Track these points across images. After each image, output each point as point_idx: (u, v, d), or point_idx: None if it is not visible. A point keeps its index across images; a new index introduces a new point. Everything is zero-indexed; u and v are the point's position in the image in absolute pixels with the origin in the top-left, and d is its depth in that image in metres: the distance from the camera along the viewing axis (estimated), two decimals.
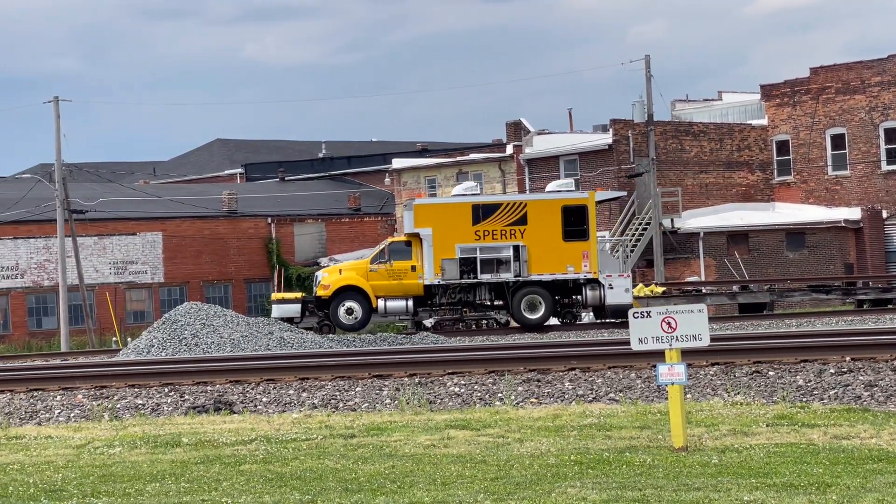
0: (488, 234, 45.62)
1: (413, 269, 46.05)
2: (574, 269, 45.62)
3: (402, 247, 46.66)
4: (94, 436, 20.37)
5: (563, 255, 45.62)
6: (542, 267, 45.63)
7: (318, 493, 14.21)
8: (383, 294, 45.93)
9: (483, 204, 46.08)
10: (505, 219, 45.63)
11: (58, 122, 64.39)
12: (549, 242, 45.58)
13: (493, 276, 45.51)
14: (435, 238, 45.55)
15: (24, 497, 14.88)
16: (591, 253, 45.63)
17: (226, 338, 38.62)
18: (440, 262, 45.50)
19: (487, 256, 45.53)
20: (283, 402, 25.07)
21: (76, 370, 30.11)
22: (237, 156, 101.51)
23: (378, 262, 46.31)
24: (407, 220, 46.38)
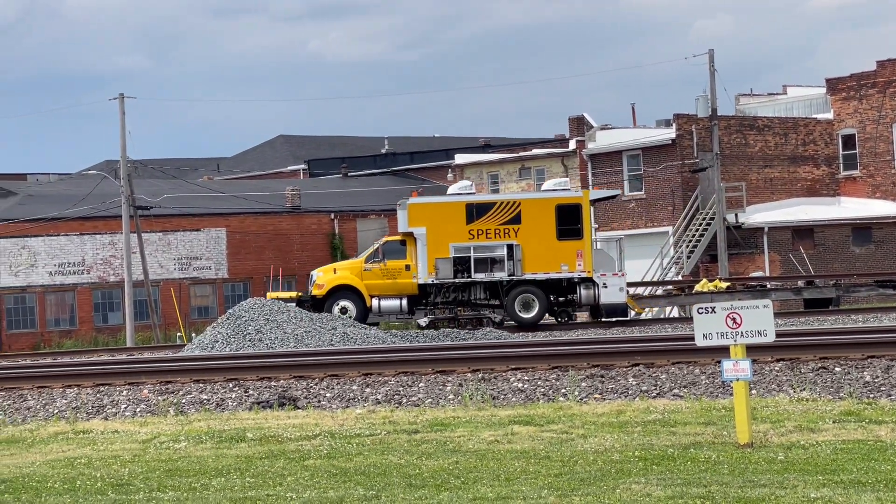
0: (482, 233, 45.59)
1: (407, 269, 46.07)
2: (568, 268, 45.54)
3: (396, 246, 46.69)
4: (159, 430, 20.51)
5: (557, 254, 45.52)
6: (537, 266, 45.56)
7: (382, 489, 14.24)
8: (378, 293, 45.98)
9: (477, 203, 46.02)
10: (499, 218, 45.57)
11: (123, 118, 64.86)
12: (543, 241, 45.51)
13: (487, 276, 45.47)
14: (429, 237, 45.52)
15: (92, 491, 15.00)
16: (586, 252, 45.52)
17: (289, 333, 38.74)
18: (434, 261, 45.48)
19: (481, 255, 45.50)
20: (347, 398, 25.13)
21: (142, 365, 30.32)
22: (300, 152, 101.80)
23: (372, 262, 46.41)
24: (401, 220, 46.33)
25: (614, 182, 68.01)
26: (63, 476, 16.24)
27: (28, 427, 22.59)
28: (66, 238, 72.73)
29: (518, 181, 72.91)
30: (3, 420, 25.00)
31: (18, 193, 77.56)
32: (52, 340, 69.58)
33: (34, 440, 20.34)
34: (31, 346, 68.72)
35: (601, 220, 68.93)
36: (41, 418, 25.14)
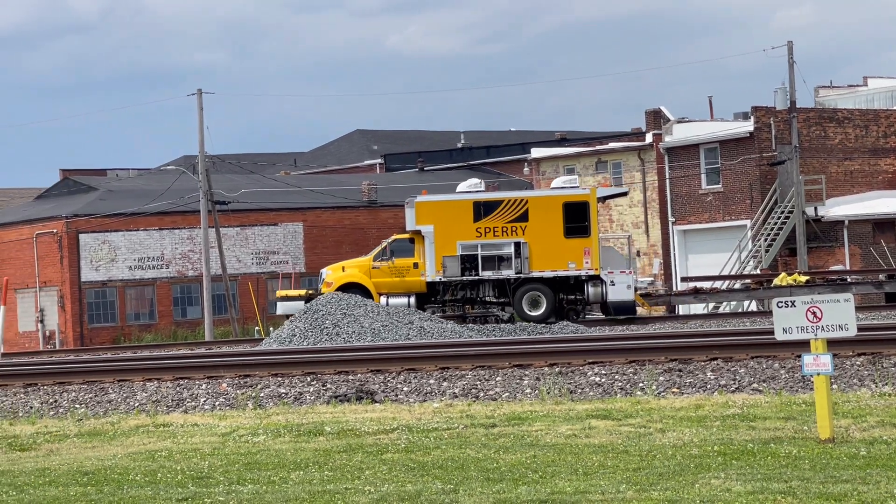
0: (490, 231, 45.69)
1: (415, 266, 46.22)
2: (575, 265, 45.52)
3: (405, 244, 46.84)
4: (238, 424, 20.63)
5: (564, 251, 45.51)
6: (544, 264, 45.56)
7: (460, 483, 14.24)
8: (386, 291, 46.10)
9: (484, 201, 46.11)
10: (506, 216, 45.66)
11: (201, 114, 65.31)
12: (551, 239, 45.52)
13: (495, 273, 45.51)
14: (437, 235, 45.67)
15: (173, 483, 15.12)
16: (593, 249, 45.50)
17: (366, 327, 38.86)
18: (442, 259, 45.62)
19: (489, 253, 45.58)
20: (424, 392, 25.16)
21: (221, 359, 30.52)
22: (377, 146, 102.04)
23: (380, 260, 46.59)
24: (409, 218, 46.43)
25: (692, 175, 67.63)
26: (144, 469, 16.38)
27: (109, 420, 22.82)
28: (145, 233, 73.38)
29: (594, 175, 72.66)
30: (85, 413, 25.27)
31: (99, 189, 78.33)
32: (132, 334, 70.23)
33: (115, 433, 20.53)
34: (112, 340, 69.42)
35: (678, 213, 68.58)
36: (122, 411, 25.38)
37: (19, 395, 28.01)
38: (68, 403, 26.88)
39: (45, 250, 73.24)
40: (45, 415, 25.70)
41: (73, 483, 15.55)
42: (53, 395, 27.73)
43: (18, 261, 74.76)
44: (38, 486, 15.51)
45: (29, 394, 28.05)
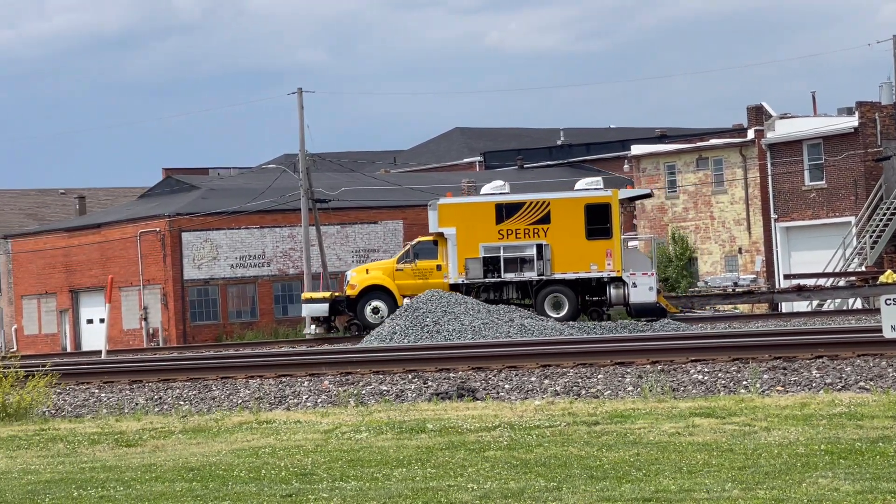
0: (512, 233, 45.58)
1: (438, 269, 46.24)
2: (598, 267, 45.30)
3: (428, 246, 46.90)
4: (340, 421, 20.70)
5: (586, 253, 45.31)
6: (566, 266, 45.37)
7: (563, 480, 14.18)
8: (409, 293, 45.95)
9: (506, 203, 45.98)
10: (528, 218, 45.51)
11: (301, 113, 65.73)
12: (573, 241, 45.32)
13: (517, 275, 45.37)
14: (459, 237, 45.63)
15: (276, 480, 15.21)
16: (615, 251, 45.18)
17: (467, 325, 38.89)
18: (464, 261, 45.58)
19: (511, 255, 45.47)
20: (526, 389, 25.11)
21: (322, 356, 30.68)
22: (476, 144, 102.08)
23: (404, 262, 46.74)
24: (431, 220, 46.40)
25: (794, 172, 66.94)
26: (248, 465, 16.49)
27: (213, 417, 23.01)
28: (246, 231, 74.00)
29: (695, 171, 72.15)
30: (189, 410, 25.51)
31: (201, 188, 79.13)
32: (234, 332, 70.87)
33: (219, 430, 20.70)
34: (214, 338, 70.07)
35: (780, 210, 67.90)
36: (225, 408, 25.59)
37: (125, 392, 28.35)
38: (173, 400, 27.15)
39: (149, 248, 74.10)
40: (150, 411, 25.98)
41: (178, 479, 15.69)
42: (158, 391, 28.03)
43: (123, 259, 75.70)
44: (144, 481, 15.68)
45: (134, 390, 28.37)
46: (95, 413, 26.39)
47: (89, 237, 78.56)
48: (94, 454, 18.82)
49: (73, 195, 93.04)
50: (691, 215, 71.93)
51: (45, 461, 18.27)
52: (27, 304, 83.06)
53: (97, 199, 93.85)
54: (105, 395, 28.39)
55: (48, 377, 25.92)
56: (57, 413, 27.02)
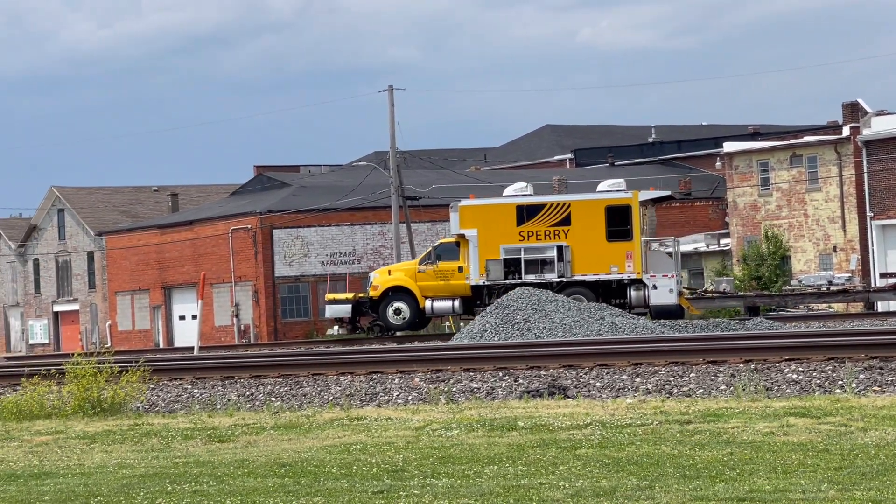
0: (532, 234, 45.46)
1: (460, 270, 46.27)
2: (618, 269, 45.00)
3: (450, 248, 46.98)
4: (431, 418, 20.70)
5: (606, 255, 45.06)
6: (586, 267, 45.18)
7: (656, 479, 14.07)
8: (431, 294, 46.34)
9: (527, 205, 45.88)
10: (549, 219, 45.38)
11: (392, 110, 65.88)
12: (593, 243, 45.11)
13: (538, 277, 45.19)
14: (480, 239, 45.59)
15: (368, 476, 15.23)
16: (635, 253, 44.83)
17: (557, 323, 38.75)
18: (485, 262, 45.55)
19: (531, 257, 45.32)
20: (617, 388, 24.98)
21: (413, 354, 30.70)
22: (567, 141, 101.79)
23: (426, 263, 46.85)
24: (453, 222, 46.42)
25: (891, 169, 66.08)
26: (339, 461, 16.52)
27: (305, 413, 23.09)
28: (337, 228, 74.30)
29: (789, 169, 71.46)
30: (280, 406, 25.64)
31: (292, 185, 79.56)
32: (324, 329, 71.19)
33: (311, 426, 20.77)
34: (305, 335, 70.44)
35: (876, 208, 67.06)
36: (317, 405, 25.68)
37: (217, 388, 28.54)
38: (264, 396, 27.30)
39: (240, 245, 74.64)
40: (242, 407, 26.13)
41: (270, 474, 15.76)
42: (250, 388, 28.20)
43: (214, 256, 76.31)
44: (237, 476, 15.76)
45: (226, 386, 28.56)
46: (188, 409, 26.60)
47: (182, 234, 79.30)
48: (188, 449, 18.96)
49: (167, 192, 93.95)
50: (785, 213, 71.24)
51: (140, 456, 18.42)
52: (121, 300, 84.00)
53: (190, 197, 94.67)
54: (197, 390, 28.61)
55: (141, 373, 26.16)
56: (150, 408, 27.27)
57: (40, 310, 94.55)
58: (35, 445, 20.44)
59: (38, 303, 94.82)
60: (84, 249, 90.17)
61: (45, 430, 22.33)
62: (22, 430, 22.37)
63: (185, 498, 14.44)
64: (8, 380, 31.60)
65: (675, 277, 45.12)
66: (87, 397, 25.06)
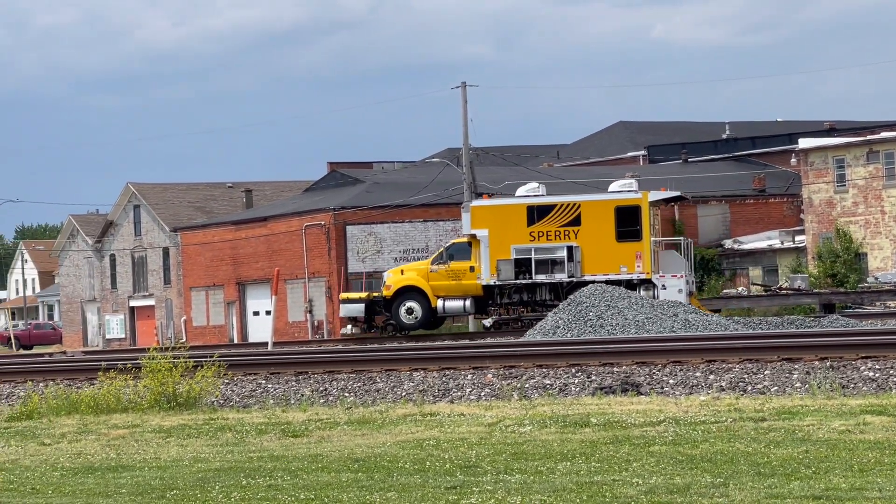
0: (543, 234, 45.83)
1: (472, 270, 46.59)
2: (627, 269, 45.24)
3: (462, 248, 47.28)
4: (504, 414, 20.71)
5: (616, 255, 45.31)
6: (596, 267, 45.43)
7: (730, 476, 14.01)
8: (443, 294, 46.71)
9: (538, 205, 46.25)
10: (559, 220, 45.73)
11: (465, 107, 65.91)
12: (603, 243, 45.40)
13: (548, 277, 45.59)
14: (491, 239, 45.99)
15: (441, 472, 15.27)
16: (645, 253, 45.06)
17: (630, 319, 38.63)
18: (496, 262, 45.89)
19: (542, 257, 45.68)
20: (690, 385, 24.88)
21: (486, 350, 30.72)
22: (640, 138, 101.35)
23: (438, 263, 47.20)
24: (465, 222, 46.89)
25: None
26: (413, 457, 16.58)
27: (378, 409, 23.17)
28: (410, 225, 74.41)
29: (865, 165, 70.80)
30: (354, 401, 25.74)
31: (365, 181, 79.79)
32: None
33: (384, 421, 20.84)
34: None
35: None
36: (390, 400, 25.76)
37: (291, 383, 28.69)
38: (338, 392, 27.41)
39: (314, 242, 74.95)
40: (316, 402, 26.25)
41: (344, 469, 15.83)
42: (323, 383, 28.32)
43: (288, 252, 76.67)
44: (310, 471, 15.84)
45: (300, 382, 28.70)
46: (262, 403, 26.76)
47: (256, 230, 79.75)
48: (262, 444, 19.09)
49: (241, 189, 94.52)
50: (861, 210, 70.60)
51: (215, 450, 18.57)
52: (196, 295, 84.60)
53: (264, 193, 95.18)
54: (272, 385, 28.78)
55: (216, 368, 26.35)
56: (225, 403, 27.46)
57: (116, 305, 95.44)
58: (112, 439, 20.66)
59: (114, 298, 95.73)
60: (159, 245, 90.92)
61: (122, 423, 22.56)
62: (99, 424, 22.61)
63: (260, 492, 14.54)
64: (85, 374, 31.94)
65: (685, 277, 45.23)
66: (163, 392, 25.28)
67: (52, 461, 18.23)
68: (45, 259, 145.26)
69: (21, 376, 33.41)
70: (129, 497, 14.75)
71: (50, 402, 25.51)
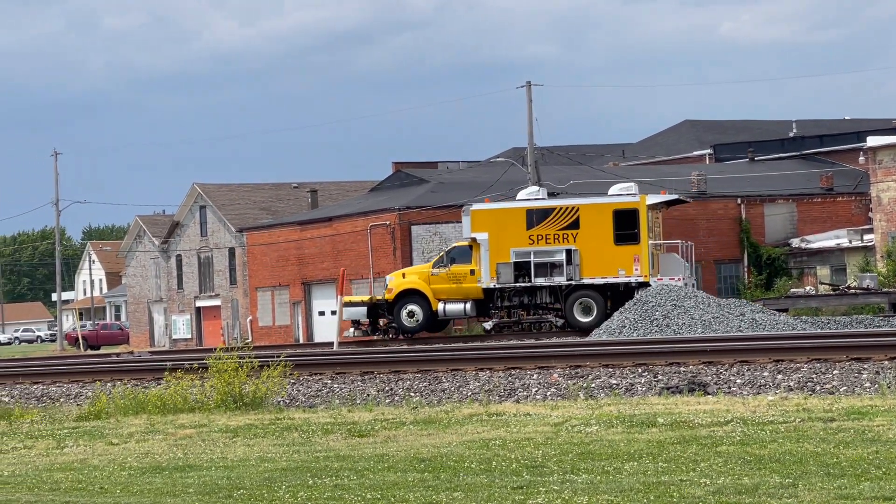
0: (542, 238, 46.27)
1: (472, 273, 47.01)
2: (625, 272, 45.60)
3: (463, 251, 47.64)
4: (570, 414, 20.64)
5: (614, 258, 45.68)
6: (594, 270, 45.82)
7: (799, 477, 13.88)
8: (444, 297, 47.18)
9: (537, 209, 46.61)
10: (558, 223, 46.11)
11: (530, 106, 65.82)
12: (601, 246, 45.78)
13: (547, 280, 45.98)
14: (491, 243, 46.47)
15: (507, 472, 15.23)
16: (643, 256, 45.33)
17: (697, 319, 38.46)
18: (496, 266, 46.35)
19: (541, 260, 46.08)
20: (758, 384, 24.71)
21: (552, 350, 30.67)
22: (706, 136, 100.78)
23: (439, 267, 47.68)
24: (465, 225, 47.36)
25: None
26: (479, 456, 16.54)
27: (443, 408, 23.15)
28: None
29: None
30: (419, 401, 25.74)
31: (430, 181, 79.80)
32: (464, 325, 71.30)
33: (450, 421, 20.82)
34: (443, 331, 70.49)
35: None
36: (455, 400, 25.75)
37: (356, 383, 28.74)
38: (403, 391, 27.43)
39: (379, 242, 75.05)
40: (382, 402, 26.28)
41: (410, 469, 15.82)
42: (389, 383, 28.35)
43: (353, 252, 76.82)
44: (377, 471, 15.85)
45: (366, 382, 28.75)
46: (328, 403, 26.82)
47: (321, 230, 79.96)
48: (328, 444, 19.11)
49: (306, 189, 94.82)
50: None
51: (281, 449, 18.61)
52: (261, 295, 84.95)
53: (329, 193, 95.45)
54: (337, 385, 28.84)
55: (282, 367, 26.43)
56: (291, 403, 27.54)
57: (183, 305, 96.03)
58: (179, 439, 20.76)
59: (180, 298, 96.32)
60: (225, 245, 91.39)
61: (189, 423, 22.67)
62: (166, 424, 22.74)
63: (327, 492, 14.55)
64: (152, 374, 32.17)
65: (683, 280, 45.32)
66: (229, 391, 25.38)
67: (120, 461, 18.34)
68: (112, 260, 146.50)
69: (89, 376, 33.71)
70: (197, 496, 14.80)
71: (118, 402, 25.67)
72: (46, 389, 33.16)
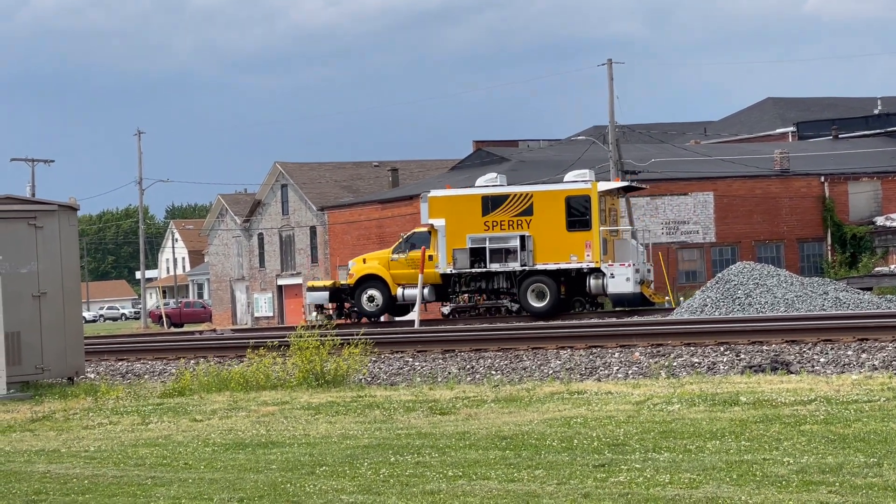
0: (497, 224, 46.66)
1: (430, 259, 47.35)
2: (577, 258, 45.93)
3: (423, 237, 47.99)
4: (652, 392, 20.57)
5: (566, 244, 45.97)
6: (548, 256, 46.12)
7: (884, 456, 13.76)
8: (403, 282, 47.77)
9: (492, 196, 47.00)
10: (512, 210, 46.49)
11: (611, 84, 65.55)
12: (554, 233, 46.02)
13: (502, 266, 46.38)
14: (448, 229, 46.95)
15: (589, 450, 15.21)
16: (594, 242, 45.57)
17: (779, 297, 38.16)
18: (452, 251, 46.84)
19: (496, 246, 46.47)
20: (842, 363, 24.50)
21: (633, 328, 30.57)
22: (789, 114, 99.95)
23: (398, 253, 48.20)
24: (423, 212, 47.89)
25: None
26: (560, 435, 16.54)
27: (525, 387, 23.15)
28: None
29: None
30: (500, 379, 25.76)
31: (511, 160, 79.77)
32: None
33: (531, 399, 20.82)
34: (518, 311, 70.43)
35: None
36: (536, 378, 25.75)
37: (438, 361, 28.81)
38: (484, 370, 27.46)
39: None
40: (463, 380, 26.33)
41: (491, 447, 15.85)
42: (470, 361, 28.40)
43: None
44: (458, 448, 15.88)
45: (447, 360, 28.82)
46: (409, 381, 26.91)
47: (402, 209, 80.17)
48: (409, 421, 19.17)
49: (387, 168, 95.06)
50: None
51: (363, 427, 18.70)
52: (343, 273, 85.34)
53: (410, 172, 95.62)
54: (419, 363, 28.93)
55: (363, 345, 26.54)
56: (372, 380, 27.66)
57: (265, 283, 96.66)
58: (262, 416, 20.91)
59: (262, 276, 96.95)
60: (306, 224, 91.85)
61: (271, 400, 22.82)
62: (249, 401, 22.91)
63: (408, 469, 14.61)
64: (235, 352, 32.43)
65: (634, 266, 45.38)
66: (311, 369, 25.52)
67: (204, 437, 18.51)
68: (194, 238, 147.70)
69: (173, 354, 34.05)
70: (280, 472, 14.92)
71: (201, 379, 25.90)
72: (131, 366, 33.53)
